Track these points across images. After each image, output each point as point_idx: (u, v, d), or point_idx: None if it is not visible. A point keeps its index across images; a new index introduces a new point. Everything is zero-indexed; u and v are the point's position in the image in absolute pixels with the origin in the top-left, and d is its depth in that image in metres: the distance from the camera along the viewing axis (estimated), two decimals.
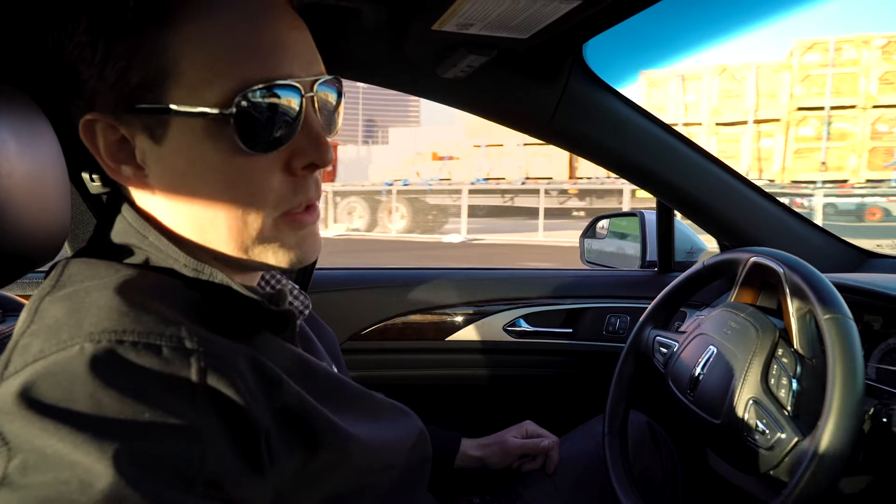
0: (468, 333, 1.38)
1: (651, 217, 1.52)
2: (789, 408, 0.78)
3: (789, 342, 0.83)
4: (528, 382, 1.43)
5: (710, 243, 1.57)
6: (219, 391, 0.45)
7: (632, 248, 1.65)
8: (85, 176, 0.74)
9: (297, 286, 0.71)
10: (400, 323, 1.36)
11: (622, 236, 1.74)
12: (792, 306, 0.83)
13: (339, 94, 0.58)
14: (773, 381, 0.81)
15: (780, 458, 0.75)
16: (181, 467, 0.41)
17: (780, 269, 0.84)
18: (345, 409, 0.58)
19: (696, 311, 1.33)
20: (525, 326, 1.39)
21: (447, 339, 1.38)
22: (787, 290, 0.83)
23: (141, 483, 0.39)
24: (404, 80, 1.12)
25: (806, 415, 0.77)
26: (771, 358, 0.82)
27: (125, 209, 0.55)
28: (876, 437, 0.79)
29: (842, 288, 0.78)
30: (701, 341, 0.92)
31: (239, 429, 0.45)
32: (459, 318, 1.38)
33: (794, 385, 0.79)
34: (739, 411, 0.80)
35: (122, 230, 0.55)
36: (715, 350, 0.89)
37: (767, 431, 0.77)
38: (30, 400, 0.40)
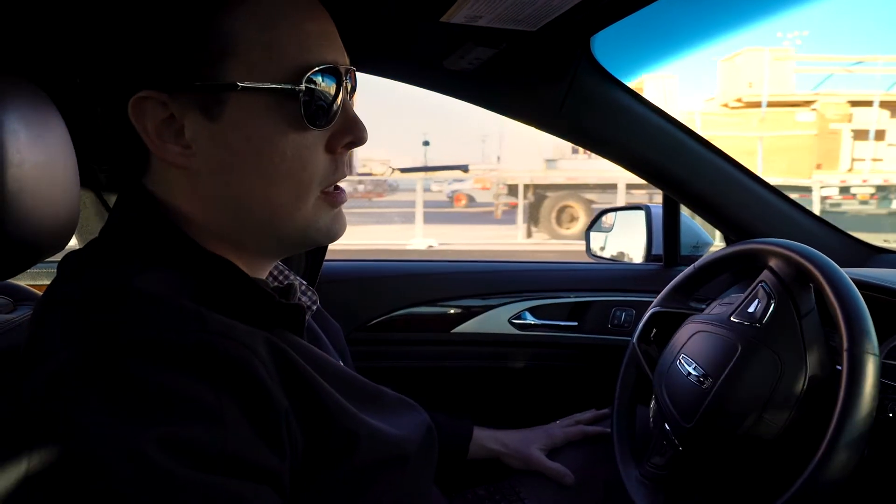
0: (473, 326, 1.38)
1: (657, 211, 1.52)
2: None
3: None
4: (533, 375, 1.43)
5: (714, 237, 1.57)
6: (239, 373, 0.46)
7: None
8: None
9: (304, 282, 0.71)
10: (406, 315, 1.37)
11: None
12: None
13: (355, 87, 0.61)
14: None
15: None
16: (204, 448, 0.42)
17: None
18: (353, 401, 0.58)
19: (702, 304, 1.33)
20: (530, 319, 1.40)
21: (452, 331, 1.38)
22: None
23: (166, 466, 0.40)
24: (411, 72, 1.12)
25: None
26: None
27: (144, 199, 0.56)
28: (882, 431, 0.79)
29: None
30: (674, 369, 0.94)
31: (260, 410, 0.46)
32: (465, 311, 1.38)
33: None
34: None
35: (140, 221, 0.55)
36: (685, 356, 0.92)
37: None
38: (55, 392, 0.41)
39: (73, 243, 0.71)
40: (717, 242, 1.51)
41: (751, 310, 0.87)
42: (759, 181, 1.27)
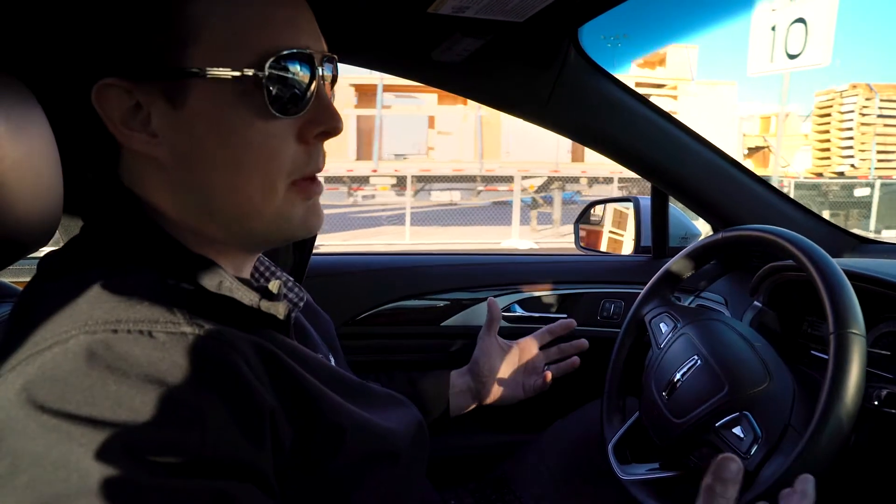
0: (463, 319, 1.38)
1: (646, 203, 1.52)
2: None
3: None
4: None
5: (703, 228, 1.57)
6: (219, 372, 0.45)
7: None
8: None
9: (291, 278, 0.70)
10: (394, 308, 1.36)
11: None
12: None
13: (335, 76, 0.59)
14: None
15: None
16: (182, 452, 0.41)
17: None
18: (342, 396, 0.58)
19: (690, 296, 1.34)
20: (520, 312, 1.40)
21: (442, 324, 1.38)
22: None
23: (138, 474, 0.39)
24: (398, 63, 1.11)
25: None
26: None
27: (122, 195, 0.55)
28: (866, 419, 0.80)
29: None
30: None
31: (243, 408, 0.46)
32: (454, 304, 1.38)
33: None
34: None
35: (119, 218, 0.54)
36: (663, 387, 0.90)
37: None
38: (27, 398, 0.40)
39: (58, 240, 0.70)
40: (707, 233, 1.51)
41: (664, 330, 0.98)
42: (747, 172, 1.27)
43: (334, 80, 0.60)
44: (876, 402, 0.80)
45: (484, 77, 1.11)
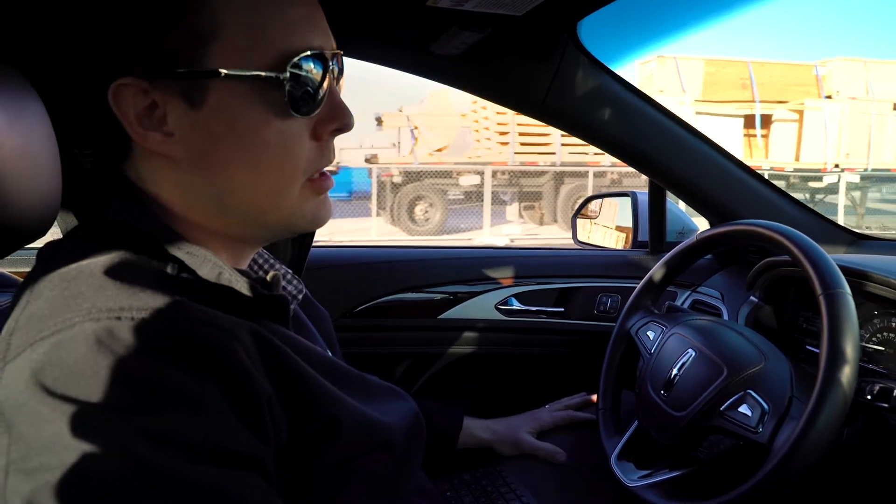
0: (460, 312, 1.38)
1: (643, 197, 1.52)
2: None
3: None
4: (519, 360, 1.44)
5: (701, 224, 1.58)
6: (219, 360, 0.46)
7: None
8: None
9: (290, 271, 0.71)
10: (392, 301, 1.37)
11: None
12: None
13: (342, 69, 0.60)
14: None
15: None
16: (187, 439, 0.42)
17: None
18: (339, 388, 0.58)
19: (687, 290, 1.34)
20: (517, 305, 1.40)
21: (439, 316, 1.38)
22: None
23: (147, 459, 0.40)
24: (396, 56, 1.11)
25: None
26: None
27: (125, 187, 0.56)
28: (858, 413, 0.80)
29: None
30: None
31: (242, 397, 0.46)
32: (451, 297, 1.39)
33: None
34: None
35: (120, 209, 0.55)
36: (662, 385, 0.90)
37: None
38: (35, 384, 0.41)
39: (56, 231, 0.70)
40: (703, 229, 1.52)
41: (652, 337, 1.00)
42: (744, 168, 1.27)
43: (340, 75, 0.60)
44: (868, 397, 0.81)
45: (482, 70, 1.11)
